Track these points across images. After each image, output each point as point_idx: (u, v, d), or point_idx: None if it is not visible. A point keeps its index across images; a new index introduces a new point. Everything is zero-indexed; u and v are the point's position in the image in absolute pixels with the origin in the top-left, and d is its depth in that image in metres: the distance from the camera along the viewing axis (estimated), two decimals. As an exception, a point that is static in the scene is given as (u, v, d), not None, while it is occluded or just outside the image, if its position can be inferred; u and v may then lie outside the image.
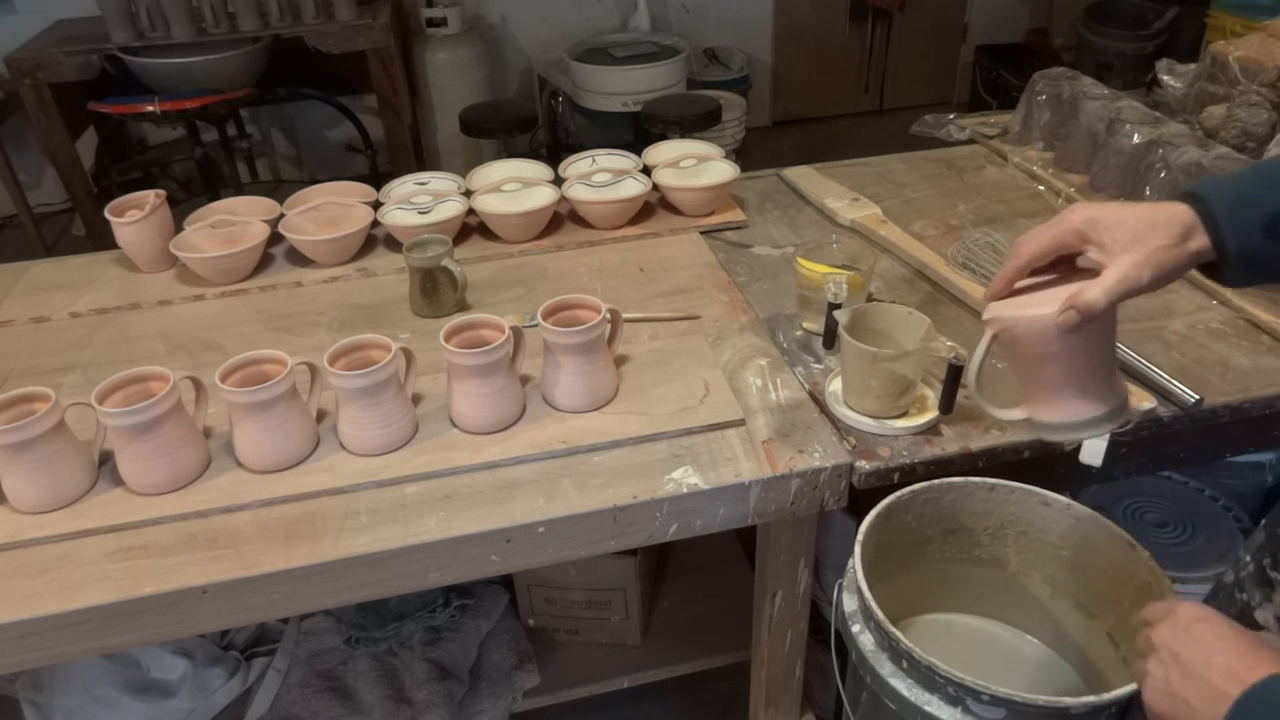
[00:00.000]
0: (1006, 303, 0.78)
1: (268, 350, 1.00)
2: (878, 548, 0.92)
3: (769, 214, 1.54)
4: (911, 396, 1.04)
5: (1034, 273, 0.79)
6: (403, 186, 1.53)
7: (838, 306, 1.07)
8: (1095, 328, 0.73)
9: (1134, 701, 0.73)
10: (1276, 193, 0.68)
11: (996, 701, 0.74)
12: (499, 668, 1.43)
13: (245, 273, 1.38)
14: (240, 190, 3.33)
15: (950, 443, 1.02)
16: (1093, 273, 0.74)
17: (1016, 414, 0.82)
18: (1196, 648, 0.63)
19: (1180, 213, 0.71)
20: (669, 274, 1.35)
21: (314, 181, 2.24)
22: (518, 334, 1.06)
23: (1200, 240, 0.70)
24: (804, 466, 0.98)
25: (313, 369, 1.04)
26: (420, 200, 1.45)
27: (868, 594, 0.83)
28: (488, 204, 1.44)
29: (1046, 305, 0.74)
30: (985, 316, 0.78)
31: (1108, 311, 0.72)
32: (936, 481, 0.95)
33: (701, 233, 1.47)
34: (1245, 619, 0.87)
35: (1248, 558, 0.90)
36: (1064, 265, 0.78)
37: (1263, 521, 0.93)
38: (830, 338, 1.12)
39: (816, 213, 1.53)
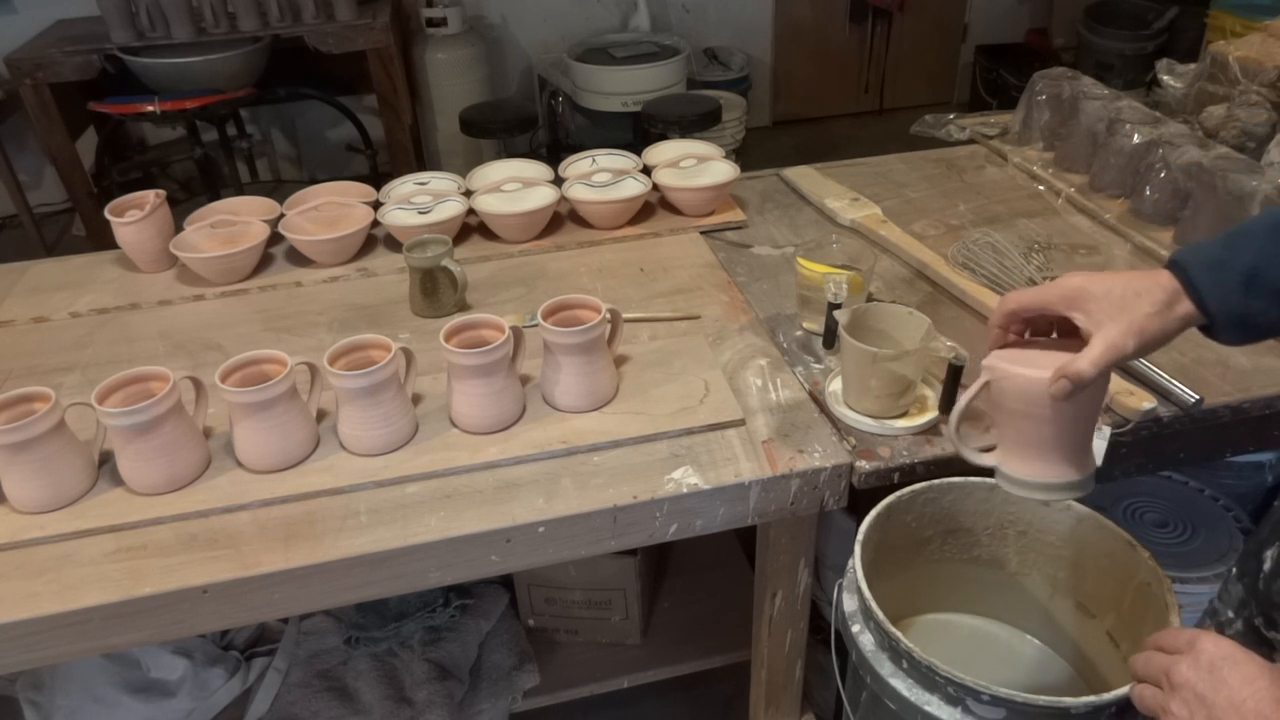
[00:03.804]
0: (1007, 354, 0.79)
1: (268, 350, 1.00)
2: (878, 548, 0.92)
3: (769, 214, 1.54)
4: (911, 396, 1.04)
5: (1037, 331, 0.81)
6: (403, 186, 1.53)
7: (838, 306, 1.07)
8: (1083, 396, 0.75)
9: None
10: (1249, 251, 0.70)
11: (996, 701, 0.75)
12: (499, 668, 1.43)
13: (245, 273, 1.38)
14: (240, 190, 3.33)
15: (950, 443, 1.01)
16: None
17: (987, 460, 0.84)
18: (1222, 690, 0.62)
19: (1164, 279, 0.73)
20: (669, 274, 1.35)
21: (314, 181, 2.24)
22: (518, 334, 1.06)
23: (1185, 305, 0.72)
24: (804, 466, 0.98)
25: (313, 369, 1.04)
26: (420, 200, 1.45)
27: (868, 594, 0.83)
28: (488, 204, 1.44)
29: (1044, 367, 0.75)
30: (984, 363, 0.79)
31: (1098, 380, 0.73)
32: (936, 481, 0.95)
33: (701, 233, 1.47)
34: None
35: (1230, 613, 0.90)
36: (1068, 324, 0.79)
37: (1232, 570, 0.92)
38: (830, 338, 1.12)
39: (816, 213, 1.53)
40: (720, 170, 1.52)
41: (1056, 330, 0.81)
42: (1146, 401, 1.03)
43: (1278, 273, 0.69)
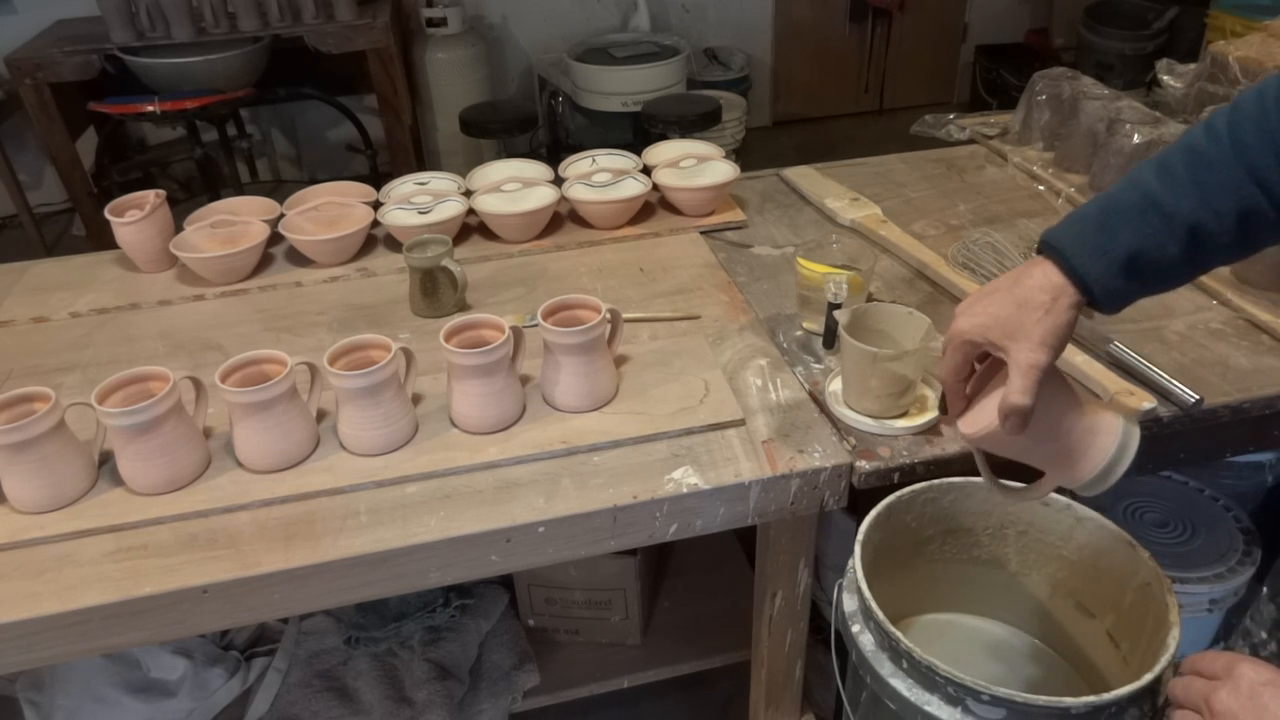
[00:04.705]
0: (970, 416, 0.80)
1: (268, 350, 1.00)
2: (878, 548, 0.92)
3: (769, 214, 1.54)
4: (911, 396, 1.04)
5: (984, 368, 0.81)
6: (403, 186, 1.53)
7: (838, 306, 1.07)
8: (1047, 396, 0.74)
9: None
10: (1126, 233, 0.70)
11: (996, 701, 0.74)
12: (499, 668, 1.43)
13: (245, 273, 1.38)
14: (240, 190, 3.33)
15: (950, 443, 1.02)
16: None
17: (1046, 490, 0.84)
18: (1265, 717, 0.62)
19: (1044, 277, 0.73)
20: (669, 274, 1.35)
21: (314, 181, 2.24)
22: (518, 334, 1.06)
23: (1070, 295, 0.72)
24: (804, 466, 0.98)
25: (313, 369, 1.04)
26: (420, 200, 1.45)
27: (868, 594, 0.83)
28: (488, 204, 1.44)
29: (994, 411, 0.76)
30: (959, 436, 0.80)
31: (1040, 395, 0.73)
32: (936, 481, 0.95)
33: (701, 233, 1.47)
34: None
35: (1264, 633, 0.89)
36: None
37: (1263, 590, 0.91)
38: (830, 338, 1.12)
39: (816, 213, 1.53)
40: (720, 170, 1.52)
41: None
42: (1146, 401, 1.03)
43: (1155, 253, 0.69)
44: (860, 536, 0.89)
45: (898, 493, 0.93)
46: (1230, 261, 0.78)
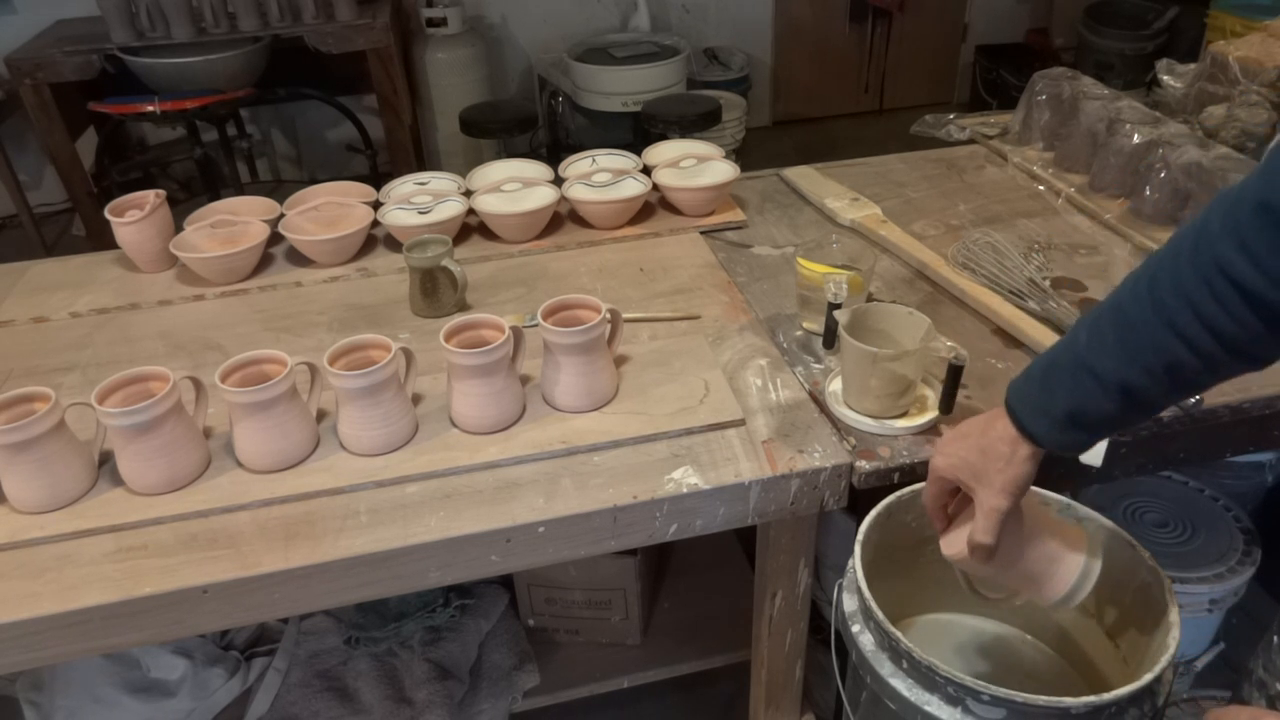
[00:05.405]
0: (949, 538, 0.87)
1: (268, 350, 1.00)
2: (878, 548, 0.92)
3: (769, 214, 1.54)
4: (911, 396, 1.04)
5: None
6: (403, 186, 1.53)
7: (838, 306, 1.07)
8: (1012, 531, 0.81)
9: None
10: (1062, 393, 0.75)
11: (996, 701, 0.75)
12: (499, 668, 1.43)
13: (245, 273, 1.38)
14: (240, 190, 3.33)
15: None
16: None
17: (1016, 600, 0.94)
18: None
19: (1005, 430, 0.79)
20: (669, 274, 1.35)
21: (314, 181, 2.24)
22: (518, 334, 1.06)
23: (1025, 448, 0.78)
24: (804, 466, 0.98)
25: (313, 369, 1.04)
26: (420, 200, 1.45)
27: (868, 594, 0.83)
28: (488, 204, 1.44)
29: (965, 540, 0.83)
30: (946, 556, 0.86)
31: (1006, 531, 0.79)
32: (936, 481, 0.94)
33: (701, 233, 1.47)
34: None
35: (1279, 685, 0.89)
36: None
37: (1274, 640, 0.92)
38: (830, 338, 1.12)
39: (816, 213, 1.53)
40: (720, 170, 1.52)
41: None
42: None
43: (1094, 410, 0.74)
44: (860, 536, 0.89)
45: (898, 493, 0.93)
46: (1172, 404, 0.83)
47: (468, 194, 1.48)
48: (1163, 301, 0.68)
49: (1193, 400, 1.04)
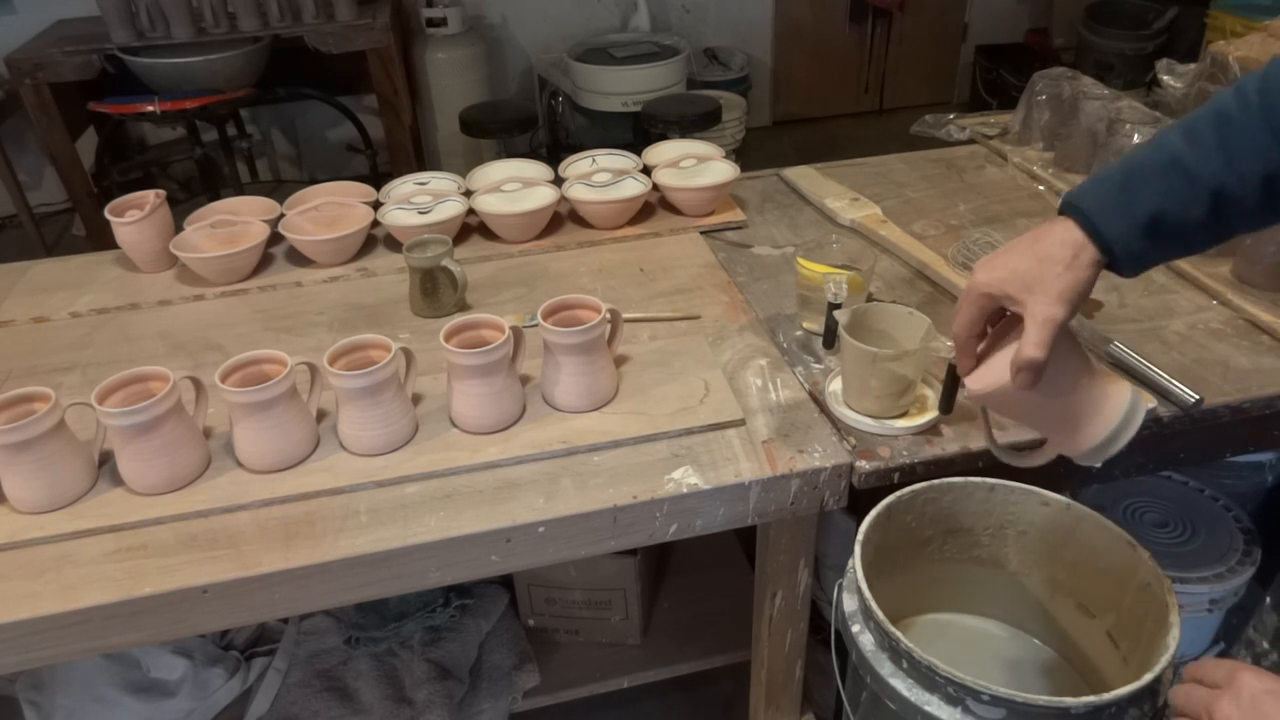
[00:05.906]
0: (979, 373, 0.80)
1: (268, 350, 1.00)
2: (878, 548, 0.92)
3: (769, 214, 1.54)
4: (911, 396, 1.04)
5: (995, 325, 0.80)
6: (403, 186, 1.53)
7: (838, 306, 1.07)
8: (1060, 355, 0.74)
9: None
10: (1149, 194, 0.70)
11: (996, 701, 0.74)
12: (499, 668, 1.43)
13: (245, 273, 1.38)
14: (240, 190, 3.33)
15: (950, 443, 1.02)
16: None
17: (1047, 456, 0.85)
18: None
19: (1065, 233, 0.73)
20: (669, 274, 1.35)
21: (314, 181, 2.25)
22: (518, 334, 1.06)
23: (1090, 253, 0.72)
24: (804, 466, 0.98)
25: (313, 369, 1.04)
26: (420, 200, 1.45)
27: (868, 594, 0.83)
28: (488, 204, 1.44)
29: (1005, 366, 0.75)
30: (966, 395, 0.80)
31: (1053, 353, 0.73)
32: (936, 481, 0.95)
33: (701, 233, 1.47)
34: None
35: (1265, 643, 0.89)
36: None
37: (1266, 600, 0.91)
38: (830, 338, 1.12)
39: (816, 213, 1.53)
40: (720, 170, 1.52)
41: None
42: (1146, 401, 1.03)
43: (1178, 215, 0.69)
44: (860, 536, 0.89)
45: (898, 493, 0.93)
46: (1252, 228, 0.77)
47: (468, 194, 1.48)
48: (1274, 107, 0.65)
49: (1193, 400, 1.04)
